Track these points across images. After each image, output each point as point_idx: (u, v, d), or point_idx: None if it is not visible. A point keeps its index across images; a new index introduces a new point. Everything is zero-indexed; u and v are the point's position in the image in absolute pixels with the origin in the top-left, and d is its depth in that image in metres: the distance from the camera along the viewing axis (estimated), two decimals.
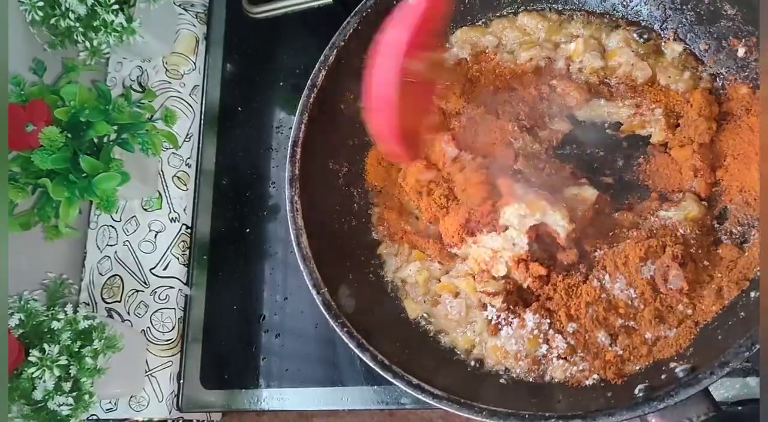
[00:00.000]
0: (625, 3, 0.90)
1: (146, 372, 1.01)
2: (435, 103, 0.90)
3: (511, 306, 0.79)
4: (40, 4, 0.97)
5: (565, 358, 0.76)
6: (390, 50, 0.70)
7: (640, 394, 0.66)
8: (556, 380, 0.75)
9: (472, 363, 0.80)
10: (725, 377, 0.64)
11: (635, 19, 0.90)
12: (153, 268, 1.07)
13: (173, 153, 1.12)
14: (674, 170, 0.83)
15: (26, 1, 0.97)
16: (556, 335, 0.76)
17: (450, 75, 0.92)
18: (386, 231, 0.90)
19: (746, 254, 0.75)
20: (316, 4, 1.14)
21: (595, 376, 0.74)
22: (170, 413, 1.01)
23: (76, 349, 0.85)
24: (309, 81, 0.85)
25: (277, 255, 1.05)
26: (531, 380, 0.76)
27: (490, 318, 0.80)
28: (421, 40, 0.71)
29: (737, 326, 0.68)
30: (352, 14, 0.86)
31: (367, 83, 0.71)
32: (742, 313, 0.69)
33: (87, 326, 0.87)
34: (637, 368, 0.73)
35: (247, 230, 1.08)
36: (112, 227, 1.10)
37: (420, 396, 0.70)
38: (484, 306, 0.81)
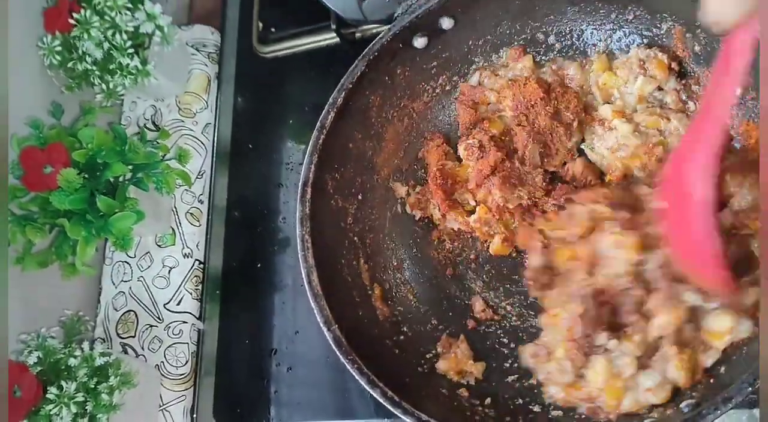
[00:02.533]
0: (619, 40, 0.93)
1: (160, 406, 1.03)
2: None
3: None
4: (58, 48, 1.00)
5: None
6: None
7: None
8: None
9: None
10: (731, 409, 0.66)
11: None
12: (167, 303, 1.09)
13: (186, 190, 1.14)
14: None
15: (44, 46, 1.00)
16: None
17: None
18: None
19: None
20: (323, 43, 1.17)
21: None
22: None
23: (93, 386, 0.87)
24: (318, 122, 0.88)
25: (288, 289, 1.07)
26: None
27: None
28: None
29: (740, 361, 0.69)
30: (359, 58, 0.89)
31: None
32: (745, 348, 0.70)
33: (103, 363, 0.89)
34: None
35: (259, 265, 1.10)
36: (127, 263, 1.13)
37: None
38: None
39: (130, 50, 1.02)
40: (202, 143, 1.18)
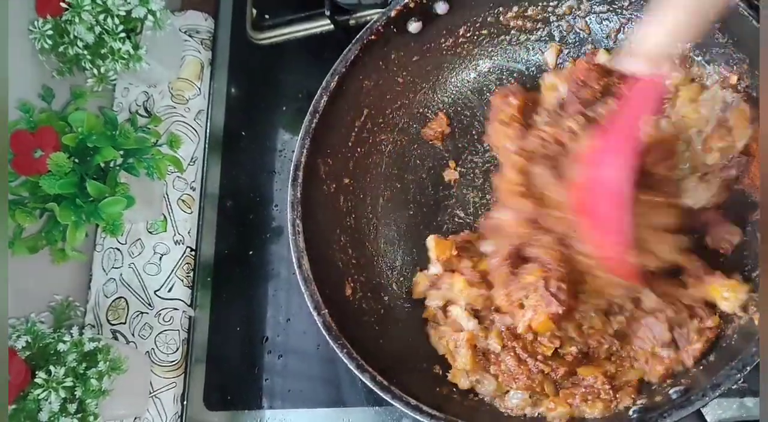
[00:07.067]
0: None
1: (150, 393, 1.02)
2: None
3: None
4: (49, 32, 0.99)
5: None
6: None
7: (635, 415, 0.67)
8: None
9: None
10: (721, 397, 0.65)
11: None
12: (157, 290, 1.08)
13: (178, 176, 1.14)
14: None
15: (35, 30, 0.99)
16: None
17: None
18: None
19: None
20: (318, 30, 1.17)
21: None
22: None
23: (82, 371, 0.87)
24: (311, 106, 0.87)
25: (280, 277, 1.07)
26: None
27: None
28: None
29: (729, 348, 0.69)
30: (353, 42, 0.88)
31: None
32: (735, 336, 0.70)
33: (92, 348, 0.89)
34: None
35: (251, 252, 1.10)
36: (118, 250, 1.12)
37: (418, 417, 0.71)
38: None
39: (122, 35, 1.01)
40: (194, 130, 1.17)
